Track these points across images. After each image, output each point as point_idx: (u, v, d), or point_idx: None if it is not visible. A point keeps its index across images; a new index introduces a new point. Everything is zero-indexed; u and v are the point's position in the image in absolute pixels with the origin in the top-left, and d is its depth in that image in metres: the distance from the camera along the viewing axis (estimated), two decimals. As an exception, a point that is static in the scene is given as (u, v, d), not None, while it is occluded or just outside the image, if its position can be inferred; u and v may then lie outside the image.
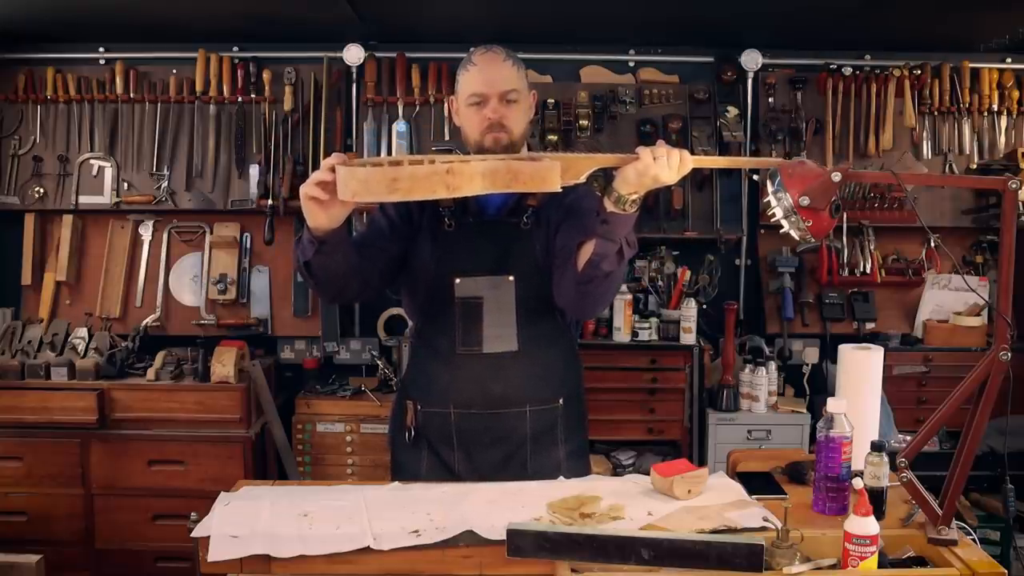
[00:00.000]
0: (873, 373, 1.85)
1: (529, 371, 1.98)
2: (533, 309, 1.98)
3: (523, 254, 1.98)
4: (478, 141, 1.95)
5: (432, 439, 2.03)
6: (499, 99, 1.92)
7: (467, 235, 1.99)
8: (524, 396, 1.98)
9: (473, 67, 1.94)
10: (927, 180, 3.52)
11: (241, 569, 1.51)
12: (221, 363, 3.12)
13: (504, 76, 1.93)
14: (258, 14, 3.21)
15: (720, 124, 3.49)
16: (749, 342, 3.45)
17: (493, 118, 1.92)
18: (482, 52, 1.95)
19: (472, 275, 1.95)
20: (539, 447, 2.02)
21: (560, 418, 2.05)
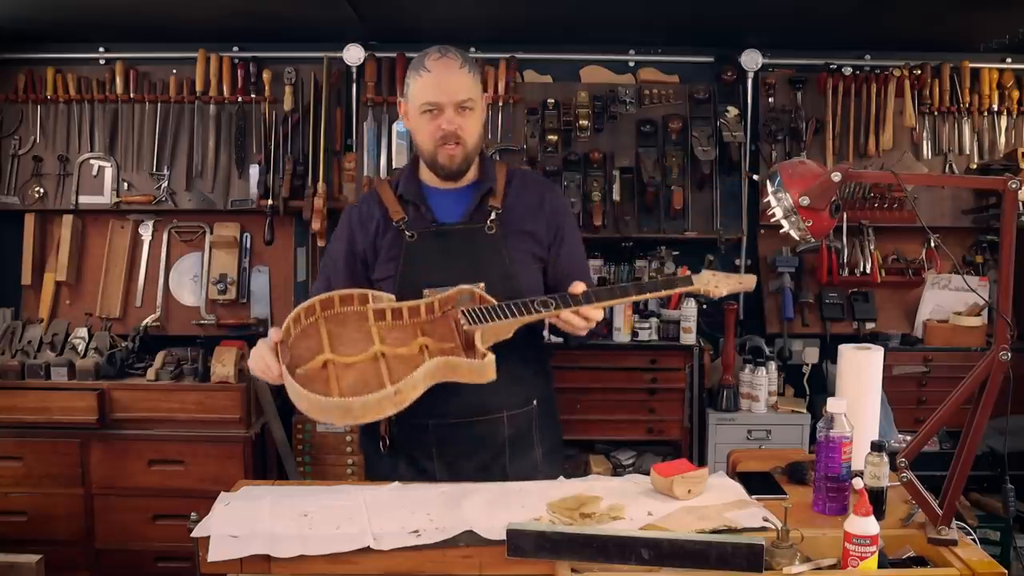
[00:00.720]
0: (873, 373, 1.85)
1: (504, 377, 1.94)
2: None
3: (491, 260, 1.96)
4: (432, 152, 1.93)
5: (409, 449, 2.01)
6: (454, 109, 1.87)
7: (432, 245, 1.96)
8: (501, 402, 1.98)
9: (427, 73, 1.88)
10: (927, 180, 3.52)
11: (241, 569, 1.51)
12: (221, 363, 3.12)
13: (460, 84, 1.88)
14: (258, 14, 3.21)
15: (720, 124, 3.49)
16: (749, 342, 3.44)
17: (448, 129, 1.88)
18: (436, 57, 1.88)
19: (441, 285, 1.92)
20: (517, 450, 2.03)
21: (535, 420, 2.06)
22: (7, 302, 3.50)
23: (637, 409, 3.29)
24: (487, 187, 1.99)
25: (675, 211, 3.49)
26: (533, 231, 2.01)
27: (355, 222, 2.04)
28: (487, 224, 1.97)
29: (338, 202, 3.49)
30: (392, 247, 1.97)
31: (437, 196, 2.00)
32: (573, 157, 3.52)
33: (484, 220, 1.97)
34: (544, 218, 2.03)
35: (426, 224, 1.98)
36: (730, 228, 3.56)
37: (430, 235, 1.96)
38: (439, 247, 1.95)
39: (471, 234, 1.96)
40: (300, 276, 3.62)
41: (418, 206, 1.99)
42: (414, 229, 1.96)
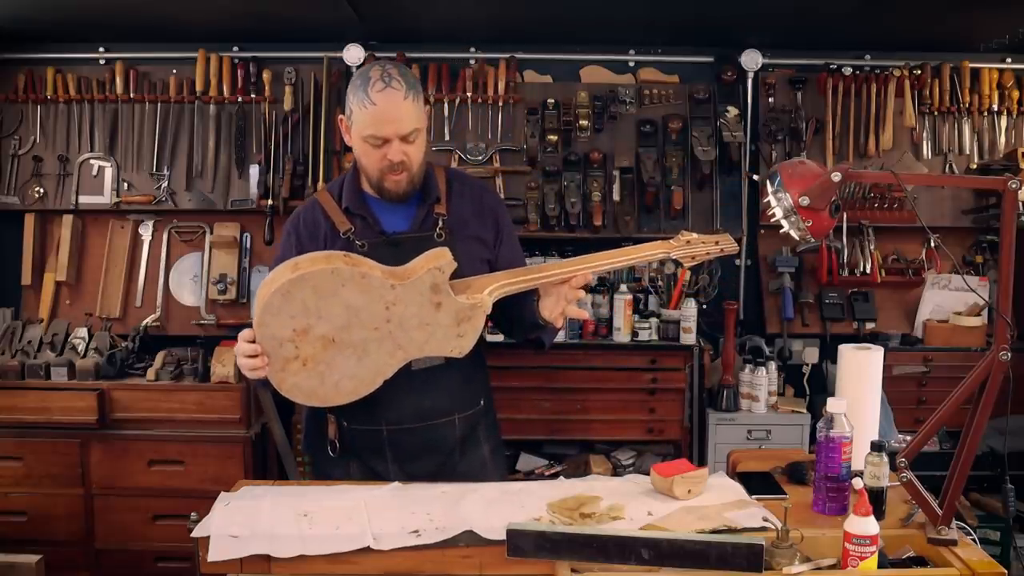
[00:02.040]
0: (873, 373, 1.85)
1: (455, 380, 1.99)
2: None
3: None
4: (378, 180, 1.92)
5: (361, 452, 2.03)
6: (399, 140, 1.86)
7: (382, 256, 1.91)
8: (453, 405, 2.01)
9: (372, 106, 1.83)
10: (927, 180, 3.52)
11: (241, 569, 1.51)
12: (221, 363, 3.12)
13: (405, 116, 1.85)
14: (258, 14, 3.21)
15: (720, 124, 3.49)
16: (749, 342, 3.44)
17: (395, 160, 1.87)
18: (380, 88, 1.83)
19: None
20: (466, 449, 2.07)
21: (482, 419, 2.10)
22: (7, 302, 3.50)
23: (637, 409, 3.29)
24: (433, 197, 1.99)
25: (675, 211, 3.49)
26: (478, 234, 2.03)
27: (302, 233, 2.00)
28: (436, 232, 1.97)
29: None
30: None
31: (381, 207, 1.99)
32: (573, 157, 3.52)
33: (433, 228, 1.97)
34: (487, 219, 2.05)
35: (374, 235, 1.96)
36: (730, 228, 3.54)
37: (381, 245, 1.95)
38: (390, 257, 1.91)
39: (421, 243, 1.93)
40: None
41: (364, 217, 1.97)
42: (365, 239, 1.94)
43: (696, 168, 3.51)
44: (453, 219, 1.99)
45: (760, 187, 3.45)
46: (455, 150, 3.51)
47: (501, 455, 2.19)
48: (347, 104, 1.90)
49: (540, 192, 3.48)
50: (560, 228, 3.48)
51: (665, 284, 3.40)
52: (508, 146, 3.55)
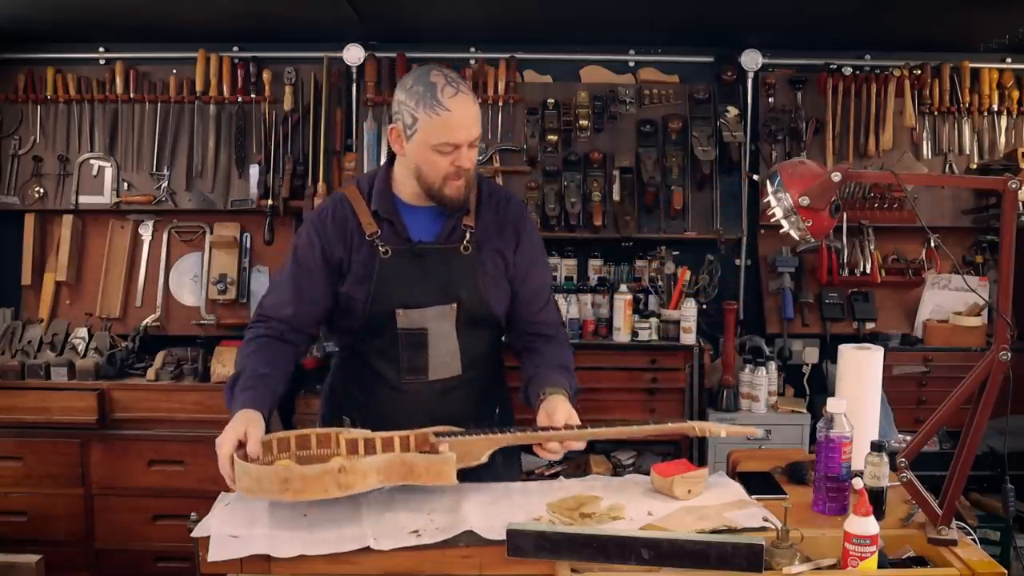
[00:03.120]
0: (873, 373, 1.85)
1: (471, 391, 1.97)
2: (472, 330, 1.95)
3: (466, 280, 1.92)
4: (439, 187, 1.84)
5: None
6: (469, 145, 1.81)
7: (406, 264, 1.89)
8: (467, 416, 1.94)
9: (446, 113, 1.76)
10: (927, 180, 3.52)
11: (241, 569, 1.51)
12: (221, 363, 3.12)
13: (476, 122, 1.81)
14: (258, 14, 3.21)
15: (720, 124, 3.49)
16: (749, 342, 3.44)
17: (466, 167, 1.81)
18: (451, 94, 1.76)
19: (416, 307, 1.89)
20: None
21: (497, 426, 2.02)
22: (7, 302, 3.50)
23: (637, 409, 3.29)
24: (464, 209, 1.93)
25: (675, 211, 3.49)
26: (501, 248, 1.97)
27: (328, 232, 1.94)
28: (463, 244, 1.92)
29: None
30: (365, 263, 1.90)
31: (412, 213, 1.93)
32: (573, 157, 3.52)
33: (460, 240, 1.92)
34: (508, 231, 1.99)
35: (400, 241, 1.91)
36: (730, 228, 3.56)
37: (405, 253, 1.90)
38: (414, 266, 1.89)
39: (447, 254, 1.91)
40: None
41: (392, 223, 1.92)
42: (388, 245, 1.89)
43: (696, 168, 3.51)
44: (480, 231, 1.94)
45: (760, 187, 3.45)
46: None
47: (514, 463, 2.13)
48: (403, 112, 1.80)
49: (540, 192, 3.48)
50: (560, 228, 3.48)
51: (665, 284, 3.40)
52: (508, 146, 3.55)
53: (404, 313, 1.89)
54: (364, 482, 1.56)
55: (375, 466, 1.57)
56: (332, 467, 1.54)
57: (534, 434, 1.75)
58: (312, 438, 1.79)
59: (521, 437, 1.74)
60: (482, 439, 1.71)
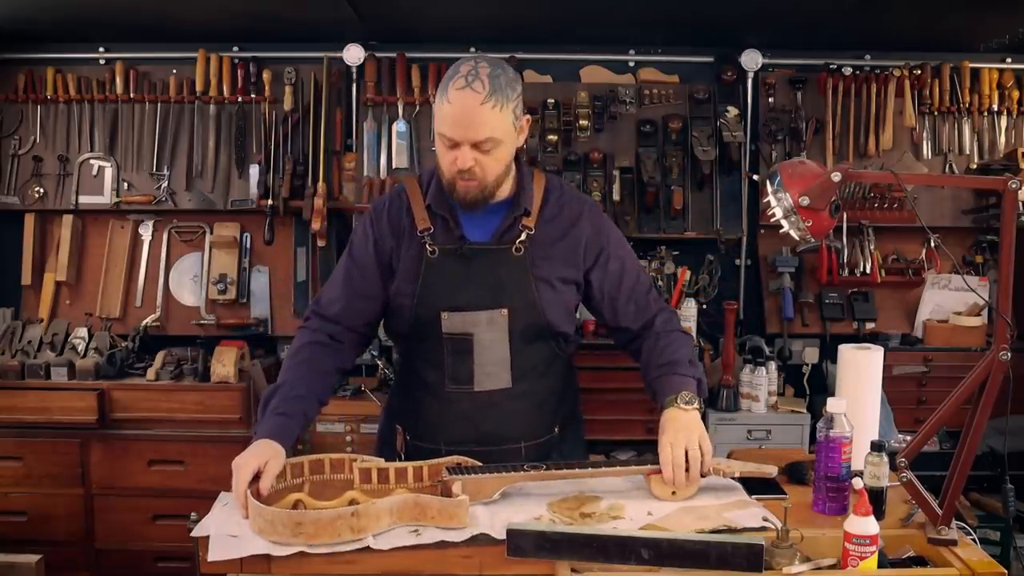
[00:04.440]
0: (873, 373, 1.85)
1: (523, 407, 1.87)
2: (527, 342, 1.85)
3: (517, 285, 1.82)
4: (449, 182, 1.77)
5: None
6: (471, 147, 1.71)
7: (454, 265, 1.81)
8: (519, 432, 1.88)
9: (448, 105, 1.69)
10: (927, 180, 3.52)
11: (241, 569, 1.51)
12: (221, 363, 3.12)
13: (479, 123, 1.69)
14: (258, 14, 3.21)
15: (720, 124, 3.49)
16: (749, 342, 3.44)
17: (463, 167, 1.72)
18: (460, 87, 1.68)
19: (461, 310, 1.81)
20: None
21: (556, 447, 1.98)
22: (7, 302, 3.50)
23: (637, 409, 3.28)
24: (522, 209, 1.84)
25: (675, 211, 3.49)
26: (565, 254, 1.87)
27: (383, 226, 1.87)
28: (515, 245, 1.82)
29: (338, 202, 3.50)
30: (414, 262, 1.83)
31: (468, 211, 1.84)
32: (573, 157, 3.52)
33: (513, 241, 1.82)
34: (580, 237, 1.89)
35: (452, 240, 1.83)
36: (730, 228, 3.56)
37: (454, 253, 1.82)
38: (462, 268, 1.81)
39: (497, 256, 1.82)
40: (300, 276, 3.62)
41: (446, 220, 1.83)
42: (438, 244, 1.82)
43: (696, 168, 3.51)
44: (539, 233, 1.84)
45: (760, 187, 3.45)
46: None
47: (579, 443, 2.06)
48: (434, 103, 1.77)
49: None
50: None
51: (665, 284, 3.40)
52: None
53: (449, 316, 1.81)
54: (377, 524, 1.54)
55: (388, 508, 1.56)
56: (345, 512, 1.52)
57: (546, 472, 1.72)
58: (326, 463, 1.79)
59: (534, 475, 1.71)
60: (494, 478, 1.68)
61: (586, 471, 1.75)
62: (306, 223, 3.45)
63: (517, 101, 1.76)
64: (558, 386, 1.98)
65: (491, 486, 1.69)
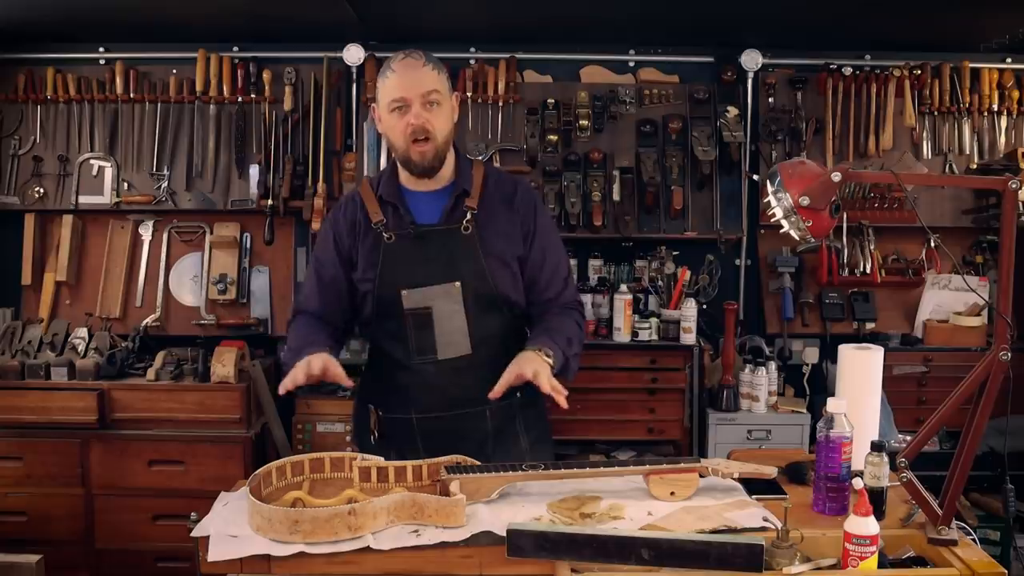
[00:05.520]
0: (873, 373, 1.85)
1: (484, 372, 1.97)
2: (482, 311, 2.01)
3: (468, 259, 2.00)
4: (404, 151, 1.96)
5: (396, 442, 2.06)
6: (421, 103, 1.91)
7: (408, 247, 1.99)
8: (482, 396, 1.96)
9: (392, 73, 1.93)
10: (927, 180, 3.52)
11: (241, 569, 1.51)
12: (221, 363, 3.12)
13: (423, 78, 1.92)
14: (258, 14, 3.21)
15: (720, 124, 3.49)
16: (749, 342, 3.44)
17: (416, 123, 1.91)
18: (401, 58, 1.94)
19: (419, 286, 1.98)
20: (501, 441, 2.07)
21: (519, 411, 2.09)
22: (7, 302, 3.50)
23: (637, 409, 3.29)
24: (462, 188, 2.03)
25: (675, 211, 3.49)
26: (507, 231, 2.05)
27: (339, 225, 2.08)
28: (463, 225, 2.00)
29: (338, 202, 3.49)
30: (372, 250, 2.02)
31: (415, 198, 2.05)
32: (573, 157, 3.52)
33: (460, 221, 2.01)
34: (517, 216, 2.07)
35: (404, 226, 2.01)
36: (730, 228, 3.56)
37: (408, 237, 2.00)
38: (416, 248, 1.99)
39: (447, 235, 2.00)
40: (300, 276, 3.62)
41: (397, 207, 2.02)
42: (392, 231, 2.00)
43: (696, 168, 3.51)
44: (483, 213, 2.02)
45: (760, 187, 3.45)
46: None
47: (545, 449, 2.17)
48: (376, 92, 1.99)
49: (540, 192, 3.48)
50: (560, 228, 3.47)
51: (665, 284, 3.40)
52: (508, 146, 3.55)
53: (408, 293, 1.97)
54: (374, 523, 1.56)
55: (385, 506, 1.57)
56: (342, 510, 1.53)
57: (546, 472, 1.74)
58: (326, 461, 1.81)
59: (533, 475, 1.73)
60: (493, 477, 1.71)
61: (586, 471, 1.76)
62: (306, 223, 3.45)
63: (448, 75, 2.00)
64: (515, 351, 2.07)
65: (490, 485, 1.70)
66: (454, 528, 1.56)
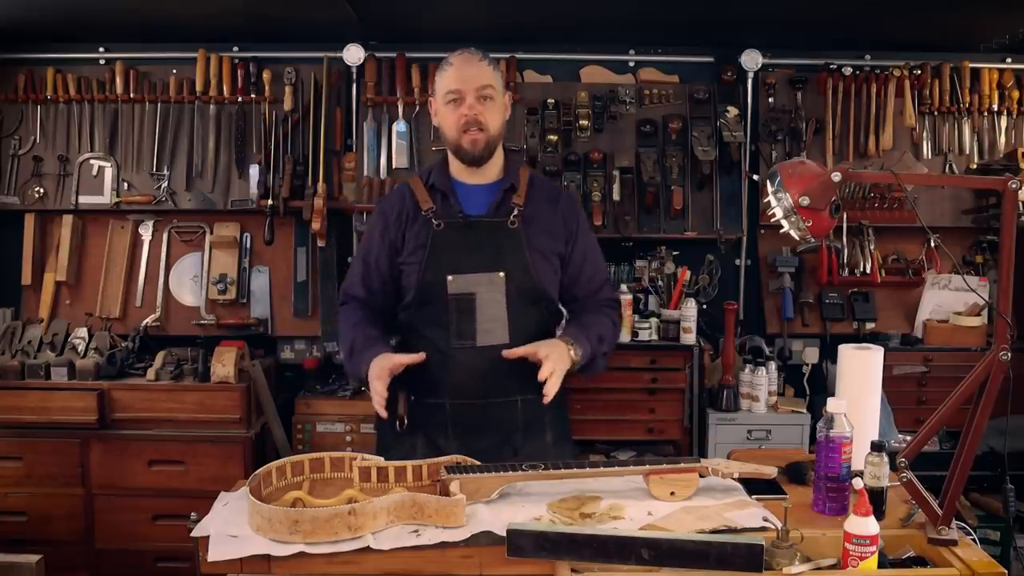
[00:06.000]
0: (873, 373, 1.86)
1: (520, 363, 2.02)
2: (522, 303, 2.08)
3: (513, 252, 2.07)
4: (456, 140, 2.06)
5: (426, 427, 2.10)
6: (475, 96, 2.02)
7: (457, 235, 2.07)
8: (515, 386, 2.06)
9: (450, 67, 2.05)
10: (927, 180, 3.51)
11: (241, 569, 1.51)
12: (221, 363, 3.12)
13: (479, 73, 2.03)
14: (258, 14, 3.21)
15: (720, 124, 3.49)
16: (749, 342, 3.44)
17: (469, 115, 2.02)
18: (458, 53, 2.06)
19: (465, 272, 2.05)
20: (529, 435, 2.12)
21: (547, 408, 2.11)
22: (7, 302, 3.50)
23: (637, 409, 3.29)
24: (510, 183, 2.12)
25: (675, 211, 3.49)
26: (550, 229, 2.13)
27: (388, 214, 2.15)
28: (510, 219, 2.08)
29: (338, 202, 3.50)
30: (419, 235, 2.08)
31: (465, 190, 2.13)
32: (573, 157, 3.52)
33: (507, 215, 2.08)
34: (560, 216, 2.15)
35: (453, 215, 2.09)
36: (730, 228, 3.56)
37: (456, 225, 2.08)
38: (464, 237, 2.07)
39: (495, 227, 2.08)
40: (300, 276, 3.62)
41: (446, 196, 2.11)
42: (441, 219, 2.08)
43: (696, 168, 3.51)
44: (529, 210, 2.10)
45: (760, 187, 3.45)
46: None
47: (566, 448, 2.22)
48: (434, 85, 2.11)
49: (540, 192, 3.48)
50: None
51: (665, 284, 3.40)
52: (508, 146, 3.51)
53: (454, 279, 2.05)
54: (374, 523, 1.56)
55: (385, 506, 1.58)
56: (342, 510, 1.53)
57: (546, 472, 1.74)
58: (326, 461, 1.82)
59: (533, 475, 1.74)
60: (492, 477, 1.72)
61: (586, 471, 1.76)
62: (306, 223, 3.45)
63: (501, 74, 2.12)
64: None
65: (490, 485, 1.70)
66: (454, 528, 1.57)
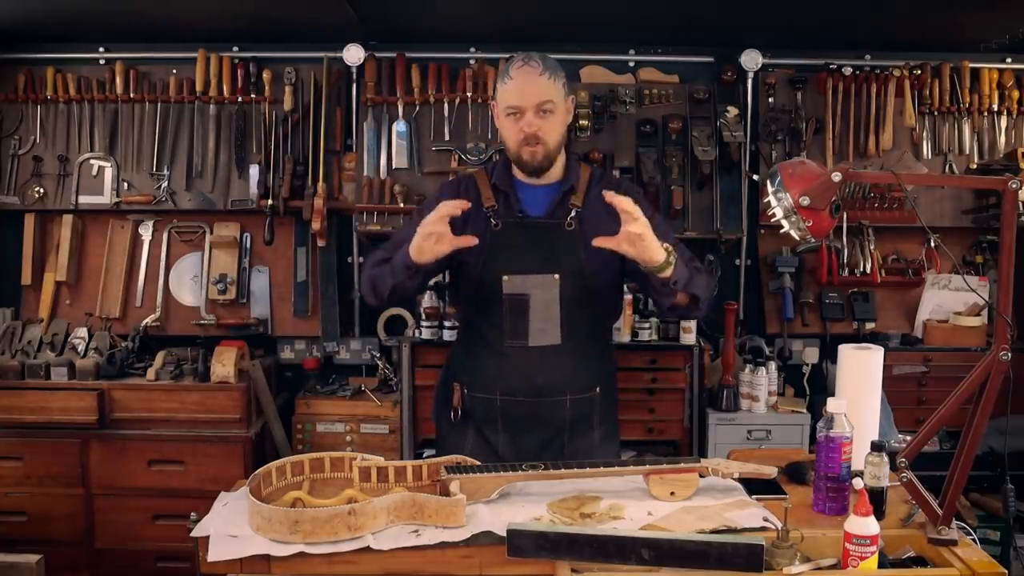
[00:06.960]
0: (873, 373, 1.86)
1: (570, 363, 2.10)
2: (575, 305, 2.09)
3: (568, 254, 2.08)
4: (516, 153, 2.07)
5: (477, 420, 2.17)
6: (534, 112, 2.01)
7: (514, 235, 2.09)
8: (565, 386, 2.11)
9: (510, 80, 2.03)
10: (927, 180, 3.52)
11: (241, 569, 1.51)
12: (221, 363, 3.12)
13: (539, 89, 2.01)
14: (258, 14, 3.21)
15: (720, 124, 3.49)
16: (749, 342, 3.44)
17: (528, 132, 2.02)
18: (519, 65, 2.03)
19: (520, 273, 2.07)
20: (576, 431, 2.16)
21: (596, 405, 2.19)
22: (7, 302, 3.50)
23: (637, 409, 3.28)
24: (569, 186, 2.13)
25: (675, 211, 3.49)
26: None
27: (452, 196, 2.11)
28: (567, 220, 2.09)
29: (338, 202, 3.50)
30: (479, 232, 2.06)
31: (525, 190, 2.15)
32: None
33: (565, 217, 2.10)
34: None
35: (513, 214, 2.11)
36: (730, 228, 3.56)
37: (514, 225, 2.10)
38: (521, 238, 2.09)
39: (552, 228, 2.09)
40: (300, 276, 3.62)
41: (508, 196, 2.13)
42: (501, 218, 2.10)
43: (696, 168, 3.51)
44: (587, 211, 2.10)
45: (760, 187, 3.45)
46: (455, 150, 3.50)
47: (612, 445, 2.26)
48: (495, 90, 2.11)
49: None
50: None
51: (665, 284, 3.39)
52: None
53: (509, 279, 2.07)
54: (374, 523, 1.56)
55: (385, 506, 1.58)
56: (342, 510, 1.53)
57: (546, 472, 1.74)
58: (326, 461, 1.82)
59: (533, 475, 1.75)
60: (492, 477, 1.72)
61: (586, 471, 1.76)
62: (306, 223, 3.45)
63: (564, 80, 2.08)
64: (598, 352, 2.21)
65: (489, 485, 1.70)
66: (454, 528, 1.57)
